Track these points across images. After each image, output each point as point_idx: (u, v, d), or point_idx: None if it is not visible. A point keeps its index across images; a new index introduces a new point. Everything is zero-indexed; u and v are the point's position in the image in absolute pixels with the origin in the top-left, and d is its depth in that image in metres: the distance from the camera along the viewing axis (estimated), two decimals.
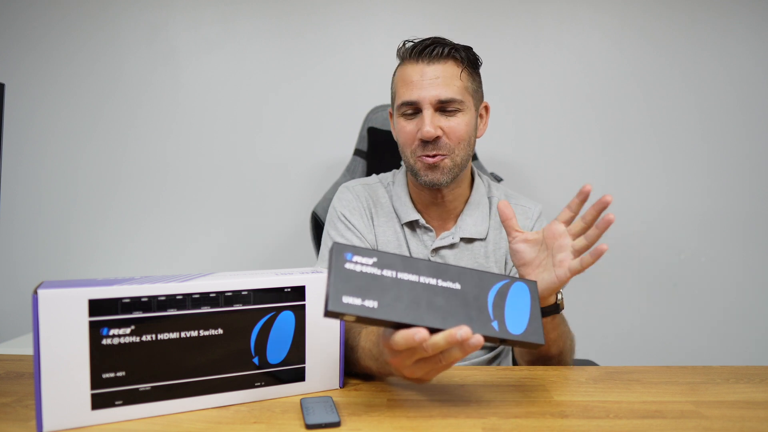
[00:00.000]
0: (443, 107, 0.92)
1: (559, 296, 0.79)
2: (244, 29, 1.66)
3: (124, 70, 1.66)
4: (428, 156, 0.93)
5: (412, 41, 0.96)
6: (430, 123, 0.91)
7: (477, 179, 1.06)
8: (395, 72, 1.00)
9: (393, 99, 1.00)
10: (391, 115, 1.04)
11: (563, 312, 0.83)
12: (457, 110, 0.93)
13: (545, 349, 0.83)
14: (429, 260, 0.61)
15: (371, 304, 0.56)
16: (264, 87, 1.67)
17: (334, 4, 1.64)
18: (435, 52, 0.92)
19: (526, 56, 1.65)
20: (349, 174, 1.35)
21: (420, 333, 0.55)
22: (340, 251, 0.57)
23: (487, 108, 1.03)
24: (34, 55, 1.66)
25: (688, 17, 1.64)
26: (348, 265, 0.57)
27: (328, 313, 0.54)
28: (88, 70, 1.66)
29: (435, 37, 0.95)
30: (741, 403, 0.67)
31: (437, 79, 0.92)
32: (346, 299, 0.55)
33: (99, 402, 0.58)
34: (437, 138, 0.92)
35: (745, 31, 1.64)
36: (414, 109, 0.94)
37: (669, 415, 0.63)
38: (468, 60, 0.95)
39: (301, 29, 1.65)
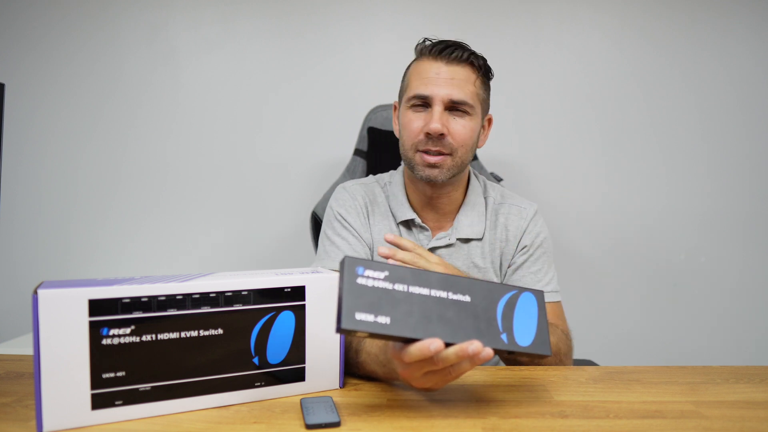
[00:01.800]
0: (453, 107, 0.93)
1: None
2: (244, 29, 1.66)
3: (124, 70, 1.66)
4: (430, 154, 0.94)
5: (431, 40, 0.97)
6: (438, 119, 0.91)
7: (473, 179, 1.06)
8: (410, 66, 1.00)
9: (403, 91, 1.00)
10: (395, 108, 1.04)
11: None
12: (466, 113, 0.94)
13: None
14: (439, 273, 0.61)
15: (384, 320, 0.56)
16: (264, 87, 1.67)
17: (334, 4, 1.64)
18: (455, 54, 0.93)
19: (526, 56, 1.65)
20: (349, 174, 1.35)
21: (435, 343, 0.55)
22: (351, 265, 0.57)
23: (490, 120, 1.04)
24: (34, 55, 1.66)
25: (688, 17, 1.64)
26: (360, 280, 0.57)
27: (341, 330, 0.54)
28: (88, 70, 1.66)
29: (457, 41, 0.96)
30: (741, 403, 0.67)
31: (453, 80, 0.92)
32: (359, 316, 0.55)
33: (99, 402, 0.58)
34: (442, 135, 0.92)
35: (745, 31, 1.64)
36: (424, 103, 0.94)
37: (669, 415, 0.63)
38: (483, 69, 0.96)
39: (301, 29, 1.65)
